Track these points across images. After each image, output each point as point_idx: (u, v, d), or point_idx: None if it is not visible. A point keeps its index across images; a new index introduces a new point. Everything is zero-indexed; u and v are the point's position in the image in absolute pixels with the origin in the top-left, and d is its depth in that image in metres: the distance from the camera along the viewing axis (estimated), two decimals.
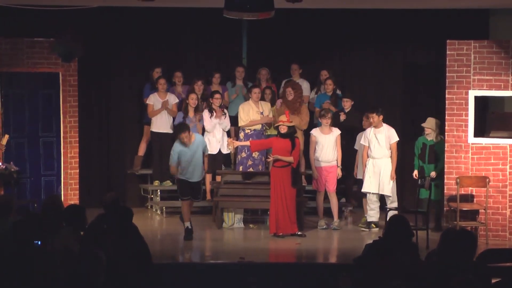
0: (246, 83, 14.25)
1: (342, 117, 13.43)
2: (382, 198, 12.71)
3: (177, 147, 11.95)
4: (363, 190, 12.71)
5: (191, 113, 13.52)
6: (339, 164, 12.75)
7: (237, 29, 14.58)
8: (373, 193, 12.60)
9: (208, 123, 13.40)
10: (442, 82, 12.62)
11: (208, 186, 13.56)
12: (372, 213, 12.66)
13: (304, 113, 13.30)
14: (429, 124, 12.58)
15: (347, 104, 13.47)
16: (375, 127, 12.60)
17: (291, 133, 12.03)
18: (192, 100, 13.51)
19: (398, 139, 12.63)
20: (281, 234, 11.91)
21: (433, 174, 12.38)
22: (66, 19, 13.15)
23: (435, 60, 14.27)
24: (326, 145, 12.67)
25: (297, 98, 13.21)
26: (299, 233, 12.04)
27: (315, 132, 12.79)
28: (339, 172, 12.76)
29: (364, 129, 12.89)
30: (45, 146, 12.73)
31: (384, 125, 12.65)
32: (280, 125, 12.02)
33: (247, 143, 12.53)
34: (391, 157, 12.59)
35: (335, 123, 12.98)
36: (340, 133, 12.76)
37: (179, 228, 12.57)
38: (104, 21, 14.03)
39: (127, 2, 13.28)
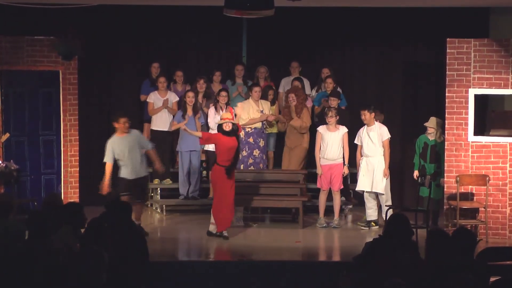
0: (246, 82, 14.26)
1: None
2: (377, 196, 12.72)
3: (111, 140, 11.72)
4: (357, 188, 12.74)
5: (189, 111, 13.53)
6: (346, 162, 12.75)
7: (237, 28, 14.58)
8: (368, 192, 12.62)
9: (212, 120, 13.41)
10: (442, 81, 12.62)
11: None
12: (371, 212, 12.67)
13: (305, 117, 13.29)
14: (432, 123, 12.59)
15: (333, 102, 13.41)
16: (367, 125, 12.63)
17: (235, 131, 11.73)
18: (189, 98, 13.52)
19: (389, 136, 12.63)
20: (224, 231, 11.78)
21: (442, 181, 12.34)
22: (66, 17, 13.18)
23: (435, 59, 14.28)
24: (331, 142, 12.67)
25: (299, 104, 13.26)
26: (225, 233, 11.82)
27: (321, 129, 12.80)
28: (345, 170, 12.76)
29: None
30: (45, 144, 12.74)
31: (376, 122, 12.67)
32: (224, 122, 11.65)
33: (199, 133, 12.04)
34: (383, 154, 12.59)
35: (322, 120, 12.97)
36: (347, 131, 12.75)
37: (179, 226, 12.59)
38: (104, 19, 14.03)
39: (127, 0, 13.29)
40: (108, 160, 11.67)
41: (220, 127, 11.69)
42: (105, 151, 11.72)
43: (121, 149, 11.64)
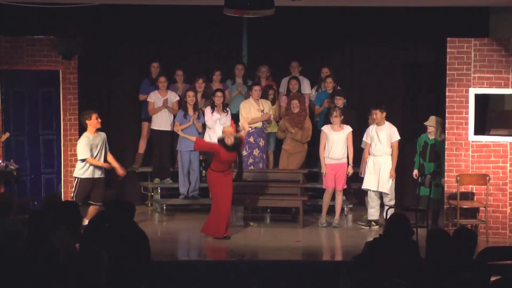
0: (246, 81, 14.26)
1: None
2: (381, 196, 12.71)
3: (85, 138, 11.76)
4: (363, 187, 12.72)
5: (190, 111, 13.52)
6: (351, 162, 12.73)
7: (238, 27, 14.57)
8: (373, 191, 12.61)
9: (209, 119, 13.42)
10: (443, 80, 12.62)
11: None
12: (373, 211, 12.66)
13: (306, 127, 13.26)
14: (431, 122, 12.59)
15: (339, 102, 13.40)
16: (378, 124, 12.62)
17: (237, 145, 11.50)
18: (190, 98, 13.52)
19: (399, 138, 12.64)
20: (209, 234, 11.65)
21: (443, 181, 12.34)
22: (66, 16, 13.17)
23: (436, 58, 14.27)
24: (336, 142, 12.64)
25: (301, 111, 13.22)
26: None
27: (325, 128, 12.78)
28: (349, 170, 12.73)
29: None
30: (45, 144, 12.73)
31: (387, 123, 12.67)
32: (226, 136, 11.42)
33: (193, 138, 12.12)
34: (391, 155, 12.60)
35: (328, 120, 12.96)
36: (352, 131, 12.73)
37: (179, 225, 12.59)
38: (104, 19, 14.03)
39: (128, 0, 13.28)
40: (88, 155, 11.69)
41: (221, 141, 11.50)
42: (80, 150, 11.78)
43: (94, 148, 11.76)
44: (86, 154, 11.68)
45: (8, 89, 12.46)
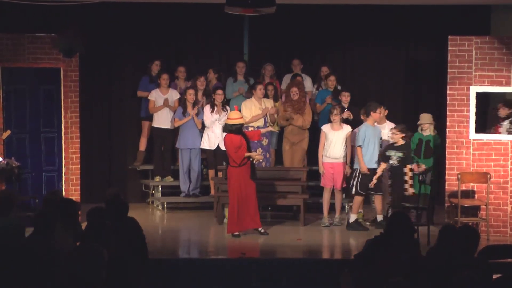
0: (248, 79, 14.24)
1: (346, 114, 13.28)
2: None
3: (364, 127, 12.25)
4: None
5: (189, 109, 13.53)
6: (348, 162, 12.71)
7: (239, 25, 14.57)
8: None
9: (208, 118, 13.42)
10: (444, 78, 12.62)
11: (212, 182, 13.57)
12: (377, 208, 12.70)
13: (307, 113, 13.30)
14: (424, 119, 12.57)
15: (345, 98, 13.41)
16: (378, 123, 12.60)
17: (240, 129, 11.64)
18: (190, 96, 13.52)
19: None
20: (237, 233, 11.62)
21: (415, 166, 12.35)
22: (68, 14, 13.17)
23: (437, 56, 14.27)
24: (334, 141, 12.63)
25: (301, 97, 13.24)
26: (261, 230, 11.77)
27: (325, 128, 12.77)
28: (347, 170, 12.71)
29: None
30: (46, 141, 12.72)
31: (387, 121, 12.66)
32: (234, 124, 11.52)
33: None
34: None
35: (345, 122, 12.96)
36: (352, 131, 12.71)
37: (180, 223, 12.59)
38: (105, 17, 14.03)
39: None
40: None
41: (228, 125, 11.58)
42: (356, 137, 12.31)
43: (369, 138, 12.26)
44: (358, 141, 12.26)
45: (9, 86, 12.45)
